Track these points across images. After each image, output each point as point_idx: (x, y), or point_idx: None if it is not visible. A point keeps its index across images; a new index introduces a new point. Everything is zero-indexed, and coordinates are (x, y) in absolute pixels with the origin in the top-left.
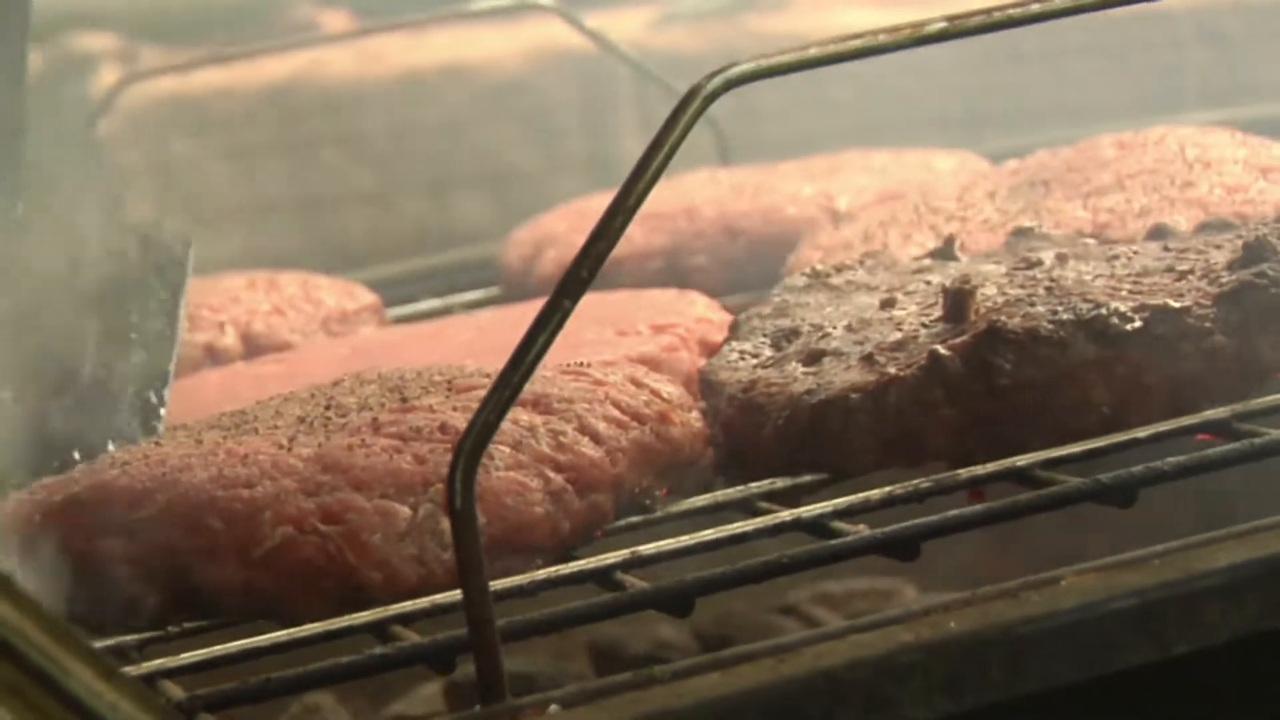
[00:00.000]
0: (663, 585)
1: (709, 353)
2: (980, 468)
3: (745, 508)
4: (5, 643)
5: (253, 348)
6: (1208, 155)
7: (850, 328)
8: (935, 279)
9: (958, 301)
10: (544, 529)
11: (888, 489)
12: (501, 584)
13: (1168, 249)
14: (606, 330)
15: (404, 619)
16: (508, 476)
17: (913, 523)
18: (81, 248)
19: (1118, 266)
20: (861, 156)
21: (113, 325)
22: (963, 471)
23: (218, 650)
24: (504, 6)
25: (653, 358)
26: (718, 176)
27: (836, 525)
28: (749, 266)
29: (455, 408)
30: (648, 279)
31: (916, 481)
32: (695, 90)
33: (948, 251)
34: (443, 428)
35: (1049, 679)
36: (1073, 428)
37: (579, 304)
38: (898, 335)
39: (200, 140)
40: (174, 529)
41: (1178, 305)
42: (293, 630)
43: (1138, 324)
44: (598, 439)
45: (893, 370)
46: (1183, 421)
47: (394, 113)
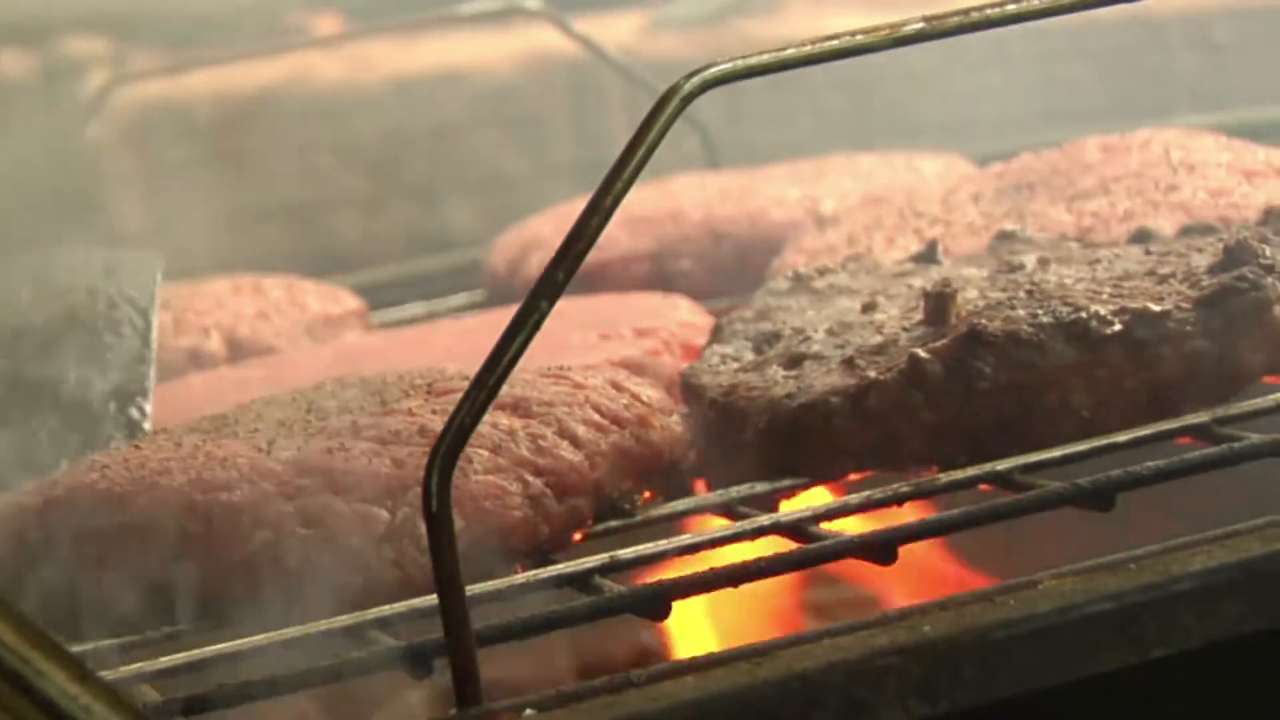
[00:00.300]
0: (640, 589)
1: (692, 356)
2: (960, 471)
3: (726, 511)
4: None
5: (237, 352)
6: (1192, 159)
7: (831, 331)
8: (917, 282)
9: (938, 305)
10: (523, 533)
11: (867, 493)
12: (478, 588)
13: (1149, 252)
14: (589, 334)
15: (382, 623)
16: (486, 480)
17: (891, 526)
18: (51, 266)
19: (1099, 270)
20: (847, 160)
21: (86, 346)
22: (942, 475)
23: (195, 654)
24: (493, 10)
25: (635, 361)
26: (704, 180)
27: (815, 529)
28: (734, 270)
29: (435, 411)
30: (633, 283)
31: (896, 485)
32: (673, 90)
33: (930, 255)
34: (422, 431)
35: (1025, 683)
36: (1053, 431)
37: (564, 308)
38: (878, 339)
39: (190, 145)
40: (153, 532)
41: (1158, 309)
42: (271, 634)
43: (1118, 327)
44: (577, 443)
45: (873, 374)
46: (1163, 426)
47: (384, 118)
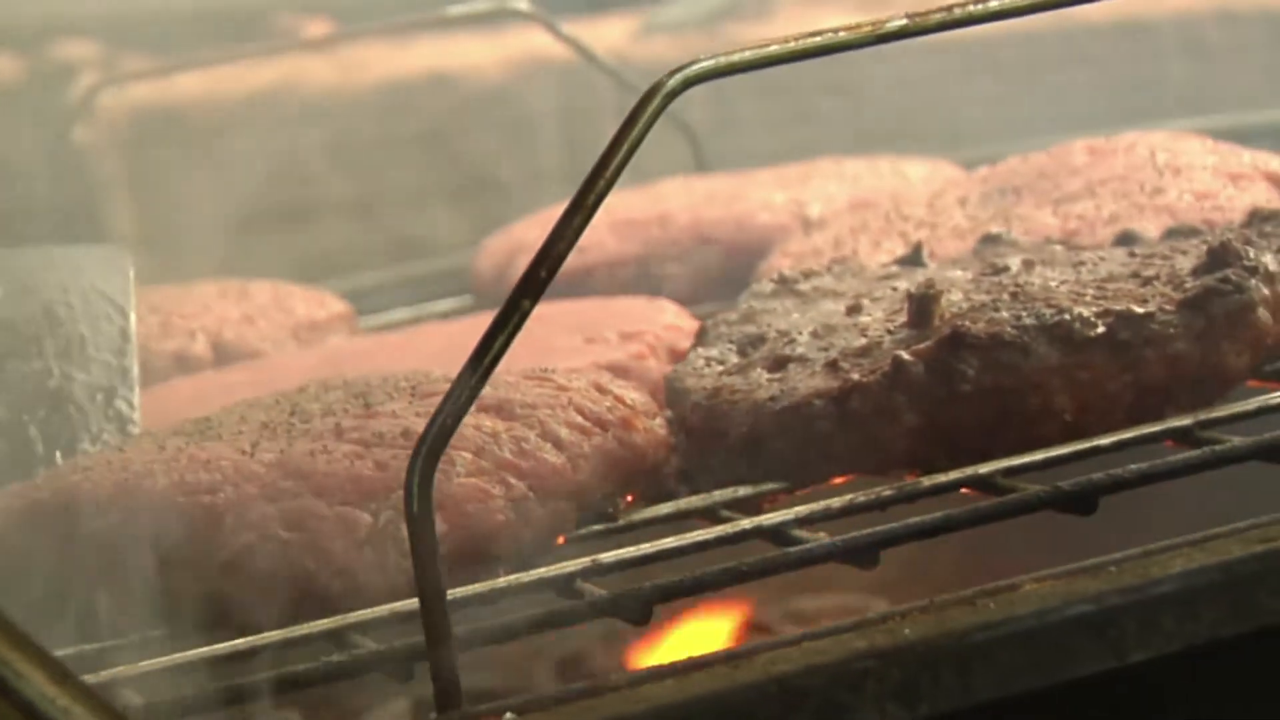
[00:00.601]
0: (622, 593)
1: (678, 360)
2: (942, 475)
3: (708, 515)
4: None
5: (223, 356)
6: (1178, 161)
7: (816, 334)
8: (902, 285)
9: (922, 307)
10: (505, 536)
11: (849, 497)
12: (460, 591)
13: (1134, 255)
14: (574, 338)
15: (363, 627)
16: (469, 483)
17: (872, 530)
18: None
19: (1083, 272)
20: (834, 164)
21: (65, 341)
22: (925, 479)
23: (177, 658)
24: (483, 11)
25: (621, 365)
26: (691, 184)
27: (797, 533)
28: (721, 274)
29: (418, 413)
30: (620, 287)
31: (879, 489)
32: (656, 87)
33: (915, 258)
34: (405, 433)
35: (1004, 686)
36: (1036, 435)
37: (549, 312)
38: (862, 341)
39: (180, 148)
40: (135, 535)
41: (1141, 311)
42: (252, 637)
43: (1101, 329)
44: (560, 445)
45: (856, 376)
46: (1145, 429)
47: (374, 121)
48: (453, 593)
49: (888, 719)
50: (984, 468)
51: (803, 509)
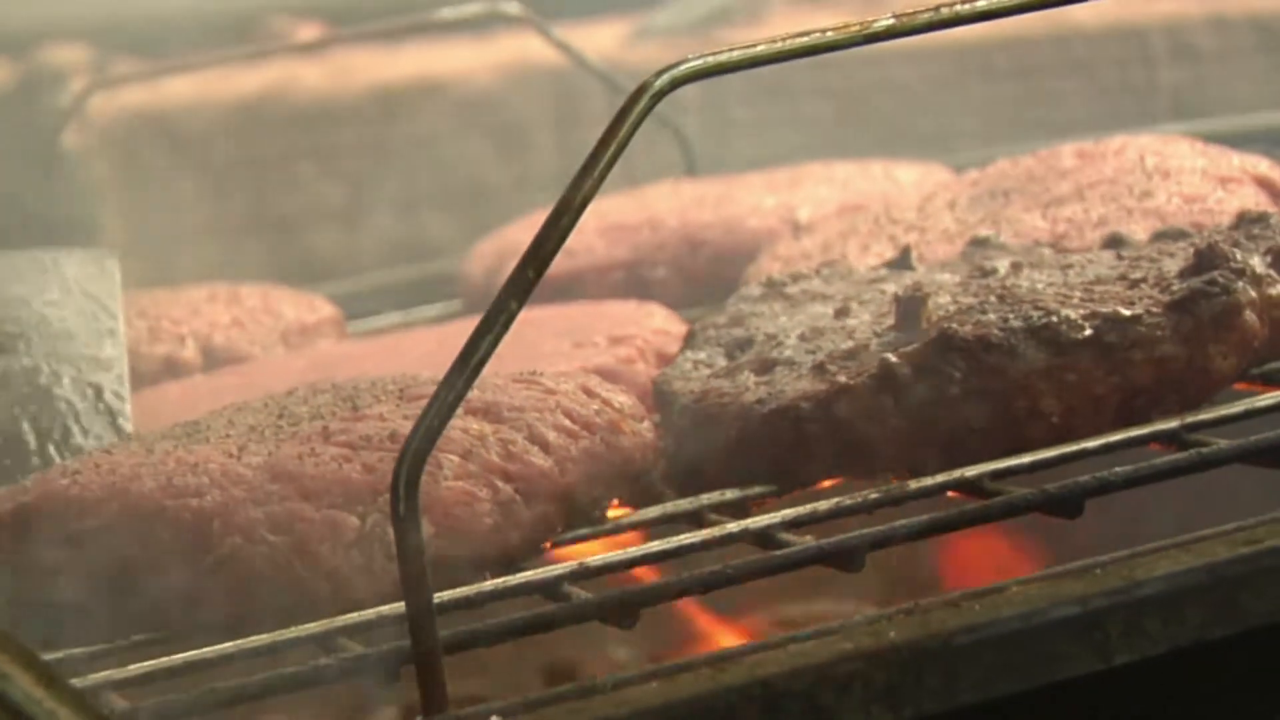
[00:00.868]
0: (607, 596)
1: (666, 364)
2: (929, 478)
3: (696, 519)
4: None
5: (212, 360)
6: (1167, 165)
7: (804, 337)
8: (890, 288)
9: (909, 310)
10: (492, 540)
11: (836, 500)
12: (447, 595)
13: (1121, 257)
14: (563, 342)
15: (350, 630)
16: (456, 486)
17: (858, 533)
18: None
19: (1071, 275)
20: (824, 168)
21: (54, 341)
22: (912, 482)
23: (164, 661)
24: (474, 14)
25: (609, 369)
26: (680, 188)
27: (783, 536)
28: (710, 278)
29: (406, 416)
30: (609, 291)
31: (865, 492)
32: (643, 88)
33: (904, 261)
34: (392, 436)
35: (989, 689)
36: (1023, 437)
37: (538, 316)
38: (850, 344)
39: (171, 154)
40: (123, 538)
41: (1128, 313)
42: (239, 641)
43: (1088, 331)
44: (547, 448)
45: (843, 379)
46: (1132, 432)
47: (365, 126)
48: (439, 596)
49: None
50: (971, 470)
51: (790, 512)
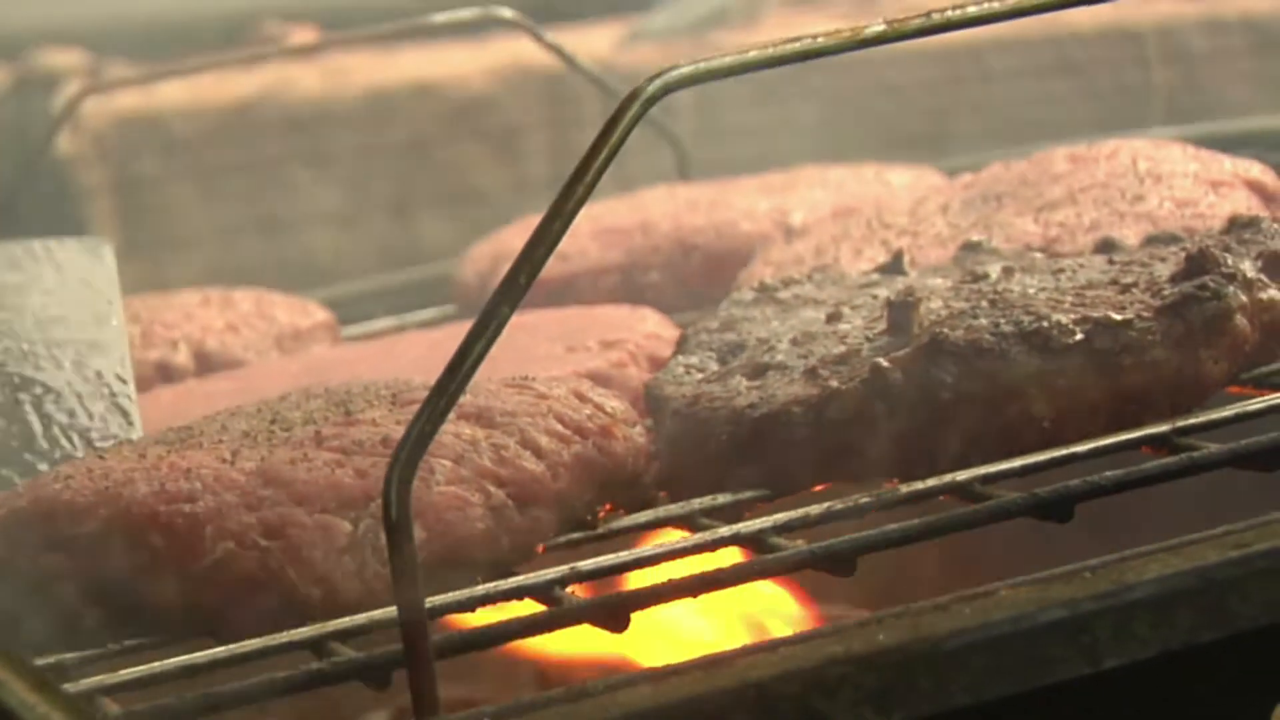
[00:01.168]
0: (600, 600)
1: (659, 368)
2: (921, 482)
3: (687, 523)
4: None
5: (206, 365)
6: (1159, 169)
7: (795, 341)
8: (882, 293)
9: (901, 314)
10: (484, 544)
11: (827, 504)
12: (439, 599)
13: (1113, 262)
14: (556, 346)
15: (342, 635)
16: (448, 491)
17: (849, 537)
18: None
19: (1063, 280)
20: (817, 172)
21: (53, 328)
22: (903, 486)
23: (156, 667)
24: (467, 19)
25: (602, 374)
26: (674, 192)
27: (774, 540)
28: (703, 282)
29: (398, 421)
30: (602, 295)
31: (857, 496)
32: (635, 93)
33: (896, 265)
34: (385, 441)
35: (979, 692)
36: (1014, 442)
37: (531, 320)
38: (841, 349)
39: (164, 158)
40: (115, 544)
41: (1119, 318)
42: (232, 646)
43: (1079, 336)
44: (539, 453)
45: (835, 384)
46: (1123, 436)
47: (360, 130)
48: (431, 600)
49: None
50: (962, 475)
51: (781, 516)
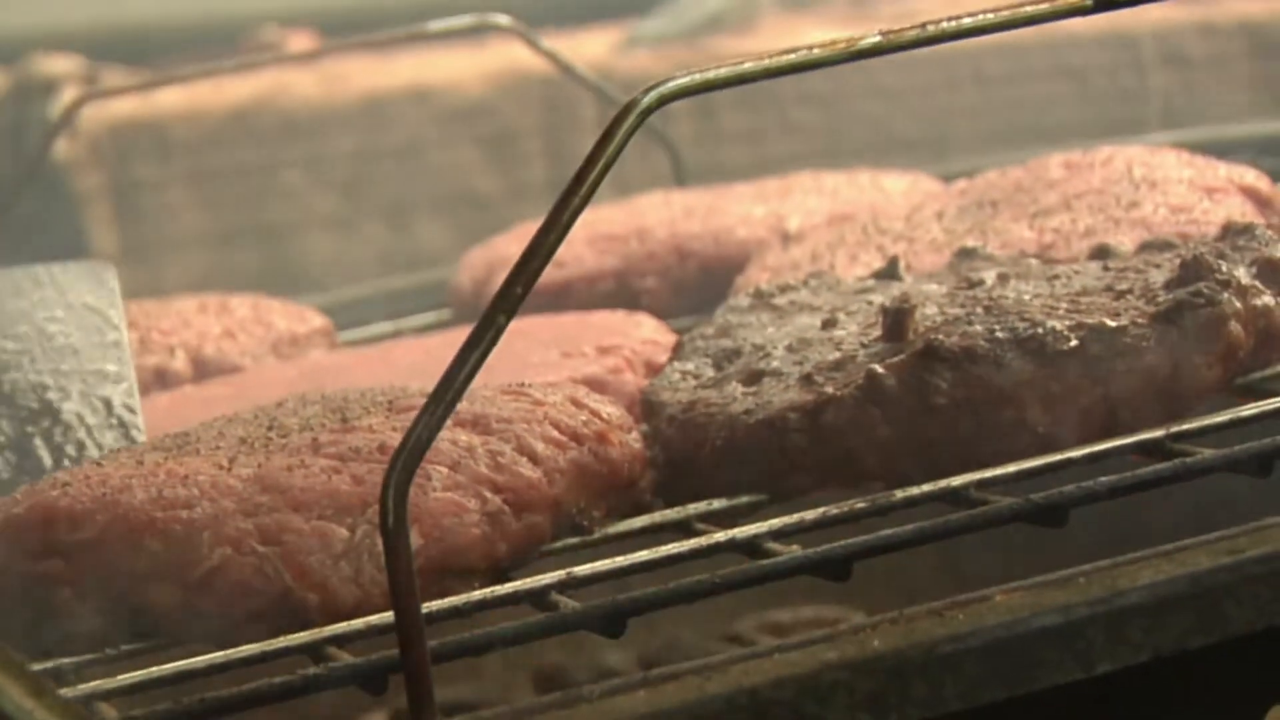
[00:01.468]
0: (595, 605)
1: (655, 374)
2: (915, 488)
3: (683, 529)
4: None
5: (203, 371)
6: (1154, 175)
7: (791, 348)
8: (877, 299)
9: (896, 321)
10: (481, 550)
11: (822, 510)
12: (435, 605)
13: (1108, 268)
14: (551, 352)
15: (339, 640)
16: (445, 497)
17: (844, 543)
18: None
19: (1057, 286)
20: (813, 178)
21: (59, 355)
22: (898, 492)
23: (154, 671)
24: (464, 26)
25: (598, 379)
26: (670, 198)
27: (770, 546)
28: (699, 288)
29: (395, 428)
30: (598, 301)
31: (852, 502)
32: (631, 104)
33: (892, 271)
34: (382, 448)
35: (973, 697)
36: (1009, 448)
37: (527, 326)
38: (837, 355)
39: (161, 164)
40: (113, 550)
41: (1114, 324)
42: (229, 651)
43: (1073, 343)
44: (536, 459)
45: (830, 390)
46: (1117, 442)
47: (356, 136)
48: (428, 606)
49: None
50: (956, 480)
51: (777, 522)
